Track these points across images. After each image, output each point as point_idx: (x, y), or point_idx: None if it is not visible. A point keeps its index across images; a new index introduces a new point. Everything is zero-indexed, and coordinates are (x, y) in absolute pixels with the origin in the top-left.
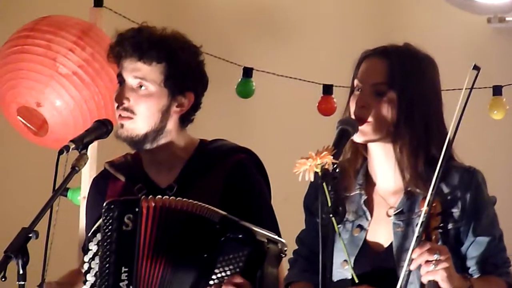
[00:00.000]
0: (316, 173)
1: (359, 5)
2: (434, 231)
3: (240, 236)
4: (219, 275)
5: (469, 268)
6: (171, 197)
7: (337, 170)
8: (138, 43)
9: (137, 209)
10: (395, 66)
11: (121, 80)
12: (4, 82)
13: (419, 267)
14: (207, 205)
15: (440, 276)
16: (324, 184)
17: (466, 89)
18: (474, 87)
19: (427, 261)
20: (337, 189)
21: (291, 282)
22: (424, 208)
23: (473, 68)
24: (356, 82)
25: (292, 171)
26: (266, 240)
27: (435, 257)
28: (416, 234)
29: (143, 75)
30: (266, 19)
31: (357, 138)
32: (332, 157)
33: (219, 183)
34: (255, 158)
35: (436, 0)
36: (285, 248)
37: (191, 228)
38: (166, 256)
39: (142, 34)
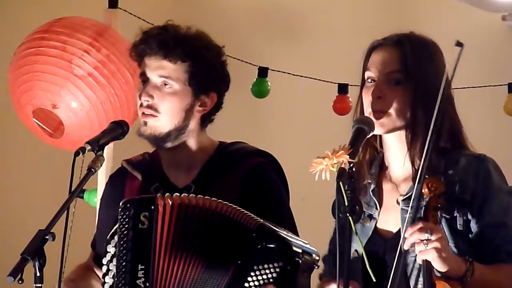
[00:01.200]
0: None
1: (373, 4)
2: (432, 211)
3: (276, 246)
4: (251, 284)
5: (482, 257)
6: (190, 195)
7: (354, 169)
8: (164, 41)
9: (153, 207)
10: (408, 53)
11: (145, 79)
12: (20, 84)
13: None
14: (241, 209)
15: (431, 255)
16: (340, 183)
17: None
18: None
19: (420, 241)
20: (354, 188)
21: (323, 277)
22: (415, 186)
23: (456, 45)
24: (368, 73)
25: (309, 171)
26: (301, 251)
27: (426, 236)
28: (408, 213)
29: (168, 74)
30: (281, 19)
31: (378, 131)
32: (348, 156)
33: (237, 185)
34: (274, 162)
35: None
36: (318, 259)
37: (221, 229)
38: (187, 253)
39: (168, 32)
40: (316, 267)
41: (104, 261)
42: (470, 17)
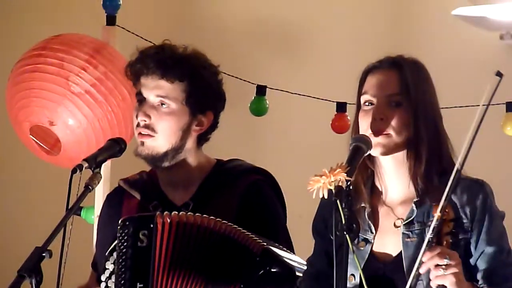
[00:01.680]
0: (330, 190)
1: (372, 23)
2: (446, 236)
3: (280, 271)
4: None
5: (478, 280)
6: (188, 213)
7: (351, 188)
8: (162, 60)
9: (152, 225)
10: (406, 76)
11: (141, 98)
12: (17, 101)
13: (428, 274)
14: (244, 231)
15: (449, 281)
16: (338, 201)
17: (485, 105)
18: (495, 93)
19: (437, 265)
20: (351, 206)
21: None
22: (437, 213)
23: (496, 75)
24: (366, 97)
25: (306, 189)
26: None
27: (445, 261)
28: (427, 237)
29: (165, 93)
30: (280, 37)
31: (376, 151)
32: (345, 174)
33: (234, 203)
34: (271, 179)
35: (449, 17)
36: None
37: (222, 249)
38: (186, 272)
39: (165, 52)
40: None
41: (103, 277)
42: (468, 36)
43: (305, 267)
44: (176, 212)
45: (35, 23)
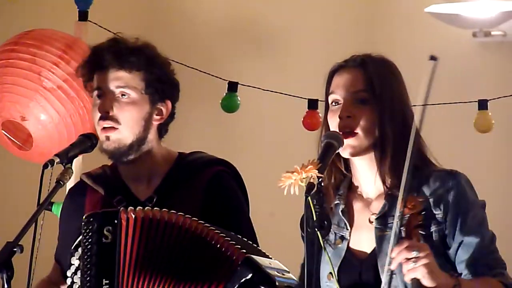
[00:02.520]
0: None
1: (344, 20)
2: (415, 229)
3: (261, 281)
4: None
5: (461, 273)
6: (153, 208)
7: (322, 184)
8: (117, 51)
9: (116, 221)
10: (372, 73)
11: (100, 93)
12: None
13: (402, 269)
14: (224, 234)
15: (420, 273)
16: (309, 198)
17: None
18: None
19: (407, 260)
20: (322, 203)
21: None
22: (397, 208)
23: (430, 59)
24: (333, 96)
25: (278, 185)
26: (286, 286)
27: (414, 254)
28: (393, 233)
29: (125, 83)
30: (251, 33)
31: (345, 153)
32: (317, 171)
33: (198, 194)
34: (233, 169)
35: (422, 14)
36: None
37: (196, 250)
38: (153, 269)
39: (119, 43)
40: None
41: (69, 273)
42: (441, 34)
43: (285, 273)
44: (141, 208)
45: (7, 19)
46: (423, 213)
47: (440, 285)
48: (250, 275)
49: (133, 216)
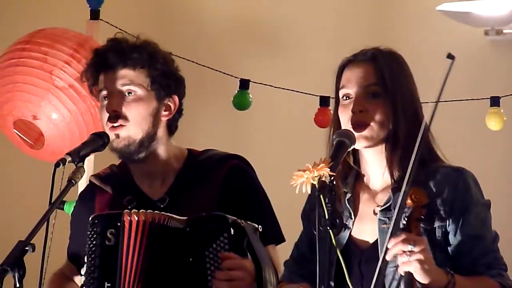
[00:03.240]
0: (313, 185)
1: (356, 17)
2: (415, 222)
3: (213, 224)
4: (212, 268)
5: (460, 269)
6: (161, 211)
7: (334, 182)
8: (120, 50)
9: (119, 224)
10: (382, 66)
11: (107, 94)
12: (0, 95)
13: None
14: (167, 214)
15: (413, 267)
16: (321, 196)
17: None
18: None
19: (403, 252)
20: (334, 202)
21: (281, 282)
22: (399, 200)
23: (448, 57)
24: (344, 91)
25: (289, 183)
26: (236, 218)
27: (409, 247)
28: (391, 224)
29: (130, 81)
30: (263, 31)
31: (359, 144)
32: (329, 169)
33: (215, 191)
34: (247, 162)
35: (434, 13)
36: (258, 226)
37: (170, 241)
38: (151, 271)
39: (120, 42)
40: (260, 230)
41: (82, 271)
42: (453, 32)
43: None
44: (144, 211)
45: (19, 17)
46: (426, 207)
47: (433, 281)
48: (200, 228)
49: (136, 218)
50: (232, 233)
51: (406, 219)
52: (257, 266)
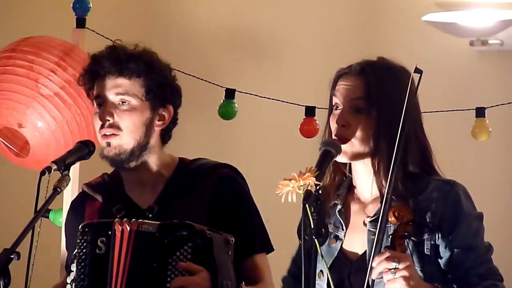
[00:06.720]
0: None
1: (342, 28)
2: (399, 240)
3: (181, 232)
4: (172, 276)
5: (453, 281)
6: (150, 220)
7: (320, 192)
8: (116, 58)
9: (110, 232)
10: (371, 81)
11: (101, 102)
12: None
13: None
14: (145, 221)
15: (399, 284)
16: (307, 205)
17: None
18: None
19: (388, 270)
20: (320, 211)
21: None
22: (380, 215)
23: (415, 71)
24: (334, 99)
25: (275, 193)
26: (206, 230)
27: (393, 265)
28: (374, 242)
29: (124, 90)
30: (249, 41)
31: (340, 158)
32: (315, 178)
33: (205, 200)
34: (238, 171)
35: (419, 23)
36: (231, 238)
37: (143, 245)
38: (139, 279)
39: (118, 51)
40: (232, 242)
41: (68, 279)
42: (438, 42)
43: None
44: (135, 220)
45: (5, 25)
46: (411, 223)
47: None
48: (168, 234)
49: (128, 228)
50: (197, 242)
51: (390, 236)
52: (214, 278)
